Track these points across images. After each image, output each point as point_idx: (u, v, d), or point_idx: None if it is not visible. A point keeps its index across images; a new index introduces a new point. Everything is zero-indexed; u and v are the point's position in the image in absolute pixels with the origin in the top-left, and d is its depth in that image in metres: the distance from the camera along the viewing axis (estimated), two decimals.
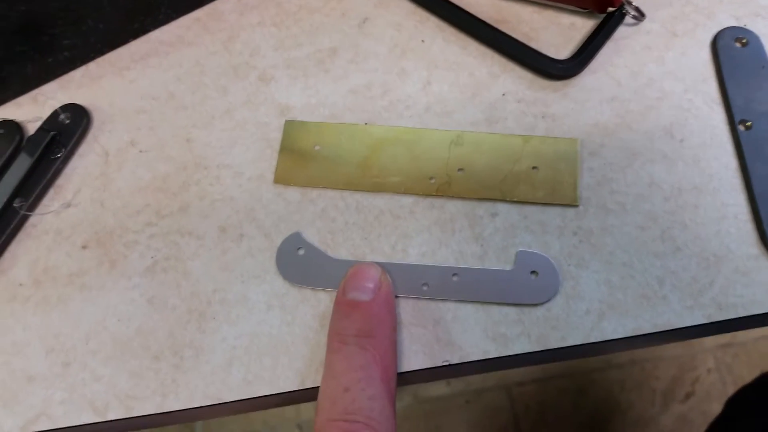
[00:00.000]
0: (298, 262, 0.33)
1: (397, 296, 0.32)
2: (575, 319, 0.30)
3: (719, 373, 1.07)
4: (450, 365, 0.31)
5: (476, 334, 0.31)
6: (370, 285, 0.30)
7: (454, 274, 0.32)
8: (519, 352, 0.30)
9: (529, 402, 1.09)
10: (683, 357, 1.08)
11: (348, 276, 0.31)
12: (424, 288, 0.32)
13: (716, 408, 1.04)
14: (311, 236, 0.33)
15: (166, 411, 0.31)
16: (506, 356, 0.30)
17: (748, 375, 1.06)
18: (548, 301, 0.31)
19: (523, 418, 1.08)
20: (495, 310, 0.31)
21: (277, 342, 0.32)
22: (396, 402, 0.29)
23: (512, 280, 0.31)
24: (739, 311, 0.30)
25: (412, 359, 0.31)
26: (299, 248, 0.33)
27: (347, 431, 0.25)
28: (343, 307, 0.30)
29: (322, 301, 0.32)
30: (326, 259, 0.33)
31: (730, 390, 1.05)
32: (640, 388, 1.07)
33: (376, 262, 0.32)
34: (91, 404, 0.32)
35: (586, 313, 0.30)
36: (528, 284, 0.31)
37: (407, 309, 0.31)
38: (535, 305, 0.31)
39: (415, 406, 1.04)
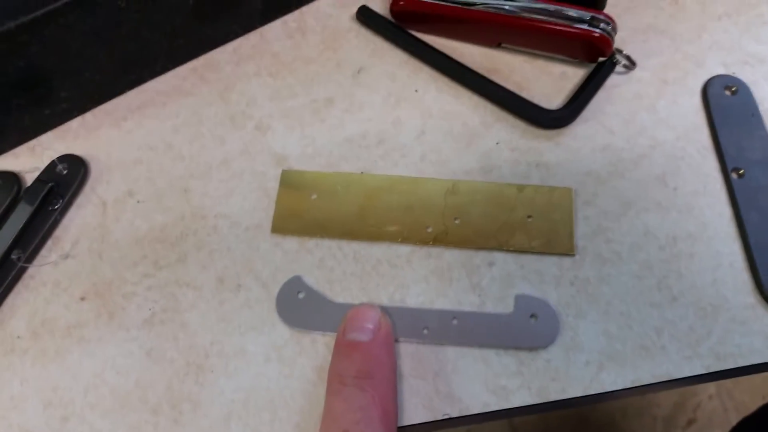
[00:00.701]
0: (299, 305, 0.33)
1: (397, 341, 0.32)
2: (575, 370, 0.30)
3: (720, 399, 1.06)
4: (450, 418, 0.30)
5: (476, 386, 0.31)
6: (370, 326, 0.30)
7: (454, 318, 0.32)
8: (519, 404, 0.30)
9: (531, 430, 1.08)
10: None
11: (348, 317, 0.31)
12: (425, 332, 0.32)
13: None
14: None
15: None
16: (506, 409, 0.30)
17: (749, 401, 1.05)
18: (548, 345, 0.31)
19: None
20: (495, 361, 0.31)
21: (275, 396, 0.31)
22: None
23: (512, 324, 0.31)
24: (737, 361, 0.30)
25: (413, 412, 0.31)
26: (299, 292, 0.33)
27: None
28: (343, 348, 0.30)
29: (320, 353, 0.32)
30: (326, 303, 0.33)
31: (732, 416, 1.05)
32: (641, 415, 1.06)
33: (377, 305, 0.32)
34: None
35: (585, 364, 0.31)
36: (528, 328, 0.31)
37: (407, 360, 0.31)
38: (536, 350, 0.31)
39: None
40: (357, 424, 0.27)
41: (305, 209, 0.35)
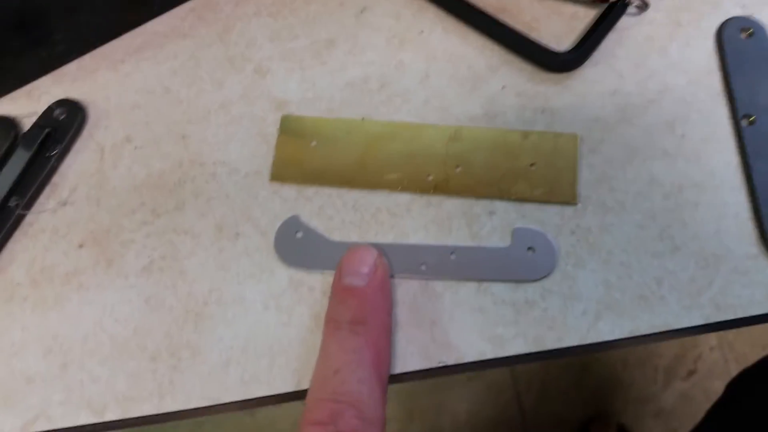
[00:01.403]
0: (297, 245, 0.33)
1: (393, 276, 0.32)
2: (572, 319, 0.30)
3: (721, 351, 1.07)
4: (446, 366, 0.31)
5: (472, 335, 0.31)
6: (365, 270, 0.30)
7: (452, 253, 0.32)
8: (515, 353, 0.30)
9: (532, 379, 1.10)
10: None
11: (344, 260, 0.31)
12: (422, 267, 0.32)
13: (718, 385, 1.04)
14: None
15: (163, 412, 0.31)
16: (502, 357, 0.30)
17: (750, 352, 1.06)
18: (546, 276, 0.31)
19: (525, 395, 1.09)
20: (492, 310, 0.31)
21: (273, 342, 0.32)
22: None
23: (509, 256, 0.31)
24: (737, 312, 0.30)
25: (408, 360, 0.31)
26: (297, 231, 0.33)
27: (333, 411, 0.26)
28: (339, 293, 0.30)
29: (318, 300, 0.32)
30: (324, 242, 0.33)
31: (732, 367, 1.06)
32: (642, 365, 1.07)
33: (375, 243, 0.32)
34: (89, 405, 0.32)
35: (582, 313, 0.30)
36: (525, 260, 0.31)
37: (404, 309, 0.31)
38: (534, 281, 0.31)
39: (418, 383, 1.05)
40: (348, 364, 0.27)
41: (305, 156, 0.34)
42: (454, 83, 0.35)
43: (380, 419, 0.27)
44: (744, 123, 0.32)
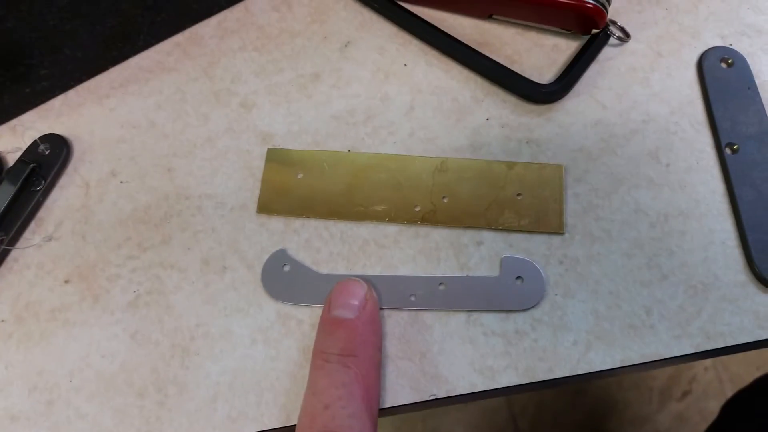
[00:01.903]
0: (284, 278, 0.33)
1: (383, 309, 0.32)
2: (562, 350, 0.30)
3: (716, 371, 1.07)
4: (437, 399, 0.30)
5: (463, 367, 0.30)
6: (355, 302, 0.30)
7: (441, 284, 0.32)
8: (506, 384, 0.30)
9: (527, 402, 1.09)
10: None
11: (333, 292, 0.30)
12: (412, 299, 0.32)
13: (713, 406, 1.04)
14: None
15: None
16: (493, 389, 0.30)
17: (744, 372, 1.06)
18: (534, 306, 0.31)
19: (520, 418, 1.08)
20: (482, 341, 0.31)
21: (261, 378, 0.31)
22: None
23: (498, 286, 0.31)
24: (727, 340, 0.30)
25: (399, 393, 0.30)
26: (284, 265, 0.33)
27: None
28: (328, 325, 0.30)
29: (306, 334, 0.32)
30: (312, 275, 0.33)
31: (727, 388, 1.06)
32: (637, 386, 1.07)
33: (363, 275, 0.32)
34: None
35: (573, 344, 0.30)
36: (514, 290, 0.31)
37: (394, 342, 0.31)
38: (524, 311, 0.31)
39: None
40: (339, 399, 0.27)
41: (291, 188, 0.34)
42: (439, 115, 0.35)
43: None
44: (728, 151, 0.32)
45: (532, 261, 0.31)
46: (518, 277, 0.31)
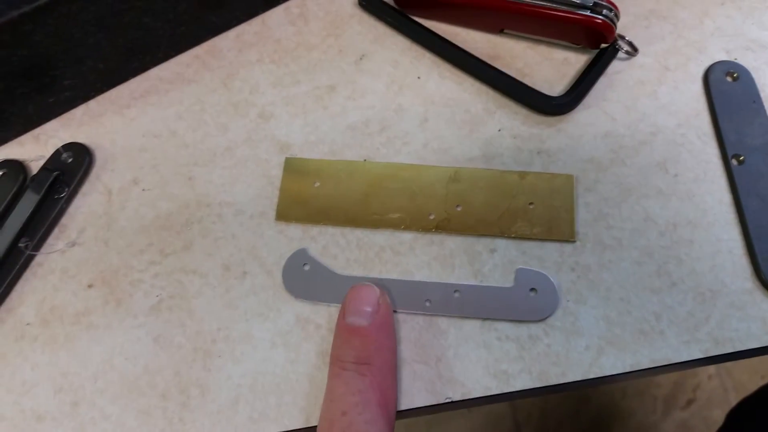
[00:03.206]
0: (304, 277, 0.34)
1: (396, 311, 0.33)
2: (575, 355, 0.31)
3: (720, 379, 1.07)
4: (452, 402, 0.31)
5: (478, 370, 0.31)
6: (368, 309, 0.30)
7: (456, 291, 0.33)
8: (520, 388, 0.31)
9: (531, 409, 1.09)
10: None
11: (347, 299, 0.31)
12: (427, 304, 0.32)
13: (717, 414, 1.04)
14: None
15: None
16: (508, 392, 0.31)
17: (748, 381, 1.06)
18: (547, 318, 0.32)
19: (524, 426, 1.08)
20: (496, 346, 0.32)
21: (281, 380, 0.32)
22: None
23: (512, 297, 0.32)
24: (735, 345, 0.30)
25: (415, 396, 0.31)
26: (305, 264, 0.34)
27: None
28: (343, 333, 0.30)
29: (325, 338, 0.33)
30: (331, 275, 0.34)
31: (732, 396, 1.06)
32: (641, 395, 1.07)
33: (379, 278, 0.33)
34: None
35: (585, 349, 0.31)
36: (528, 301, 0.32)
37: (409, 346, 0.32)
38: (537, 336, 0.32)
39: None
40: (356, 406, 0.28)
41: (309, 197, 0.35)
42: (452, 126, 0.36)
43: None
44: (734, 162, 0.33)
45: (546, 274, 0.32)
46: (532, 289, 0.32)
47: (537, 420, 1.08)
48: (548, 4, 0.35)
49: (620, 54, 0.36)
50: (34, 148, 0.38)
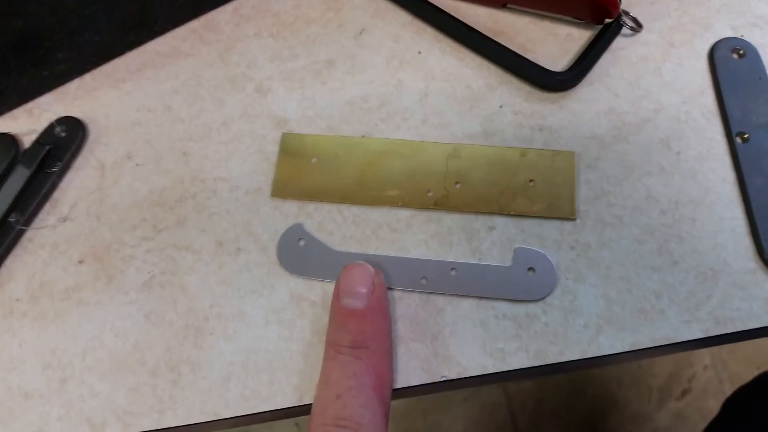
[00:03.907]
0: (299, 252, 0.33)
1: (393, 288, 0.32)
2: (573, 333, 0.30)
3: (715, 370, 1.07)
4: (448, 380, 0.31)
5: (474, 349, 0.31)
6: (363, 290, 0.30)
7: (453, 269, 0.32)
8: (517, 367, 0.30)
9: (526, 399, 1.09)
10: (680, 354, 1.08)
11: (340, 279, 0.30)
12: (423, 281, 0.32)
13: (713, 405, 1.04)
14: None
15: (163, 427, 0.31)
16: (504, 371, 0.30)
17: (744, 371, 1.06)
18: (545, 297, 0.31)
19: (520, 415, 1.08)
20: (493, 324, 0.31)
21: (274, 358, 0.32)
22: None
23: (510, 276, 0.32)
24: (736, 325, 0.30)
25: (411, 375, 0.31)
26: (300, 239, 0.33)
27: None
28: (339, 317, 0.30)
29: (319, 316, 0.32)
30: (326, 251, 0.33)
31: (727, 386, 1.06)
32: (637, 384, 1.07)
33: (375, 255, 0.33)
34: (89, 421, 0.32)
35: (584, 327, 0.31)
36: (525, 281, 0.31)
37: (406, 323, 0.32)
38: (535, 315, 0.31)
39: (413, 403, 1.04)
40: (350, 390, 0.28)
41: (305, 173, 0.35)
42: (452, 102, 0.36)
43: None
44: (738, 140, 0.33)
45: (545, 254, 0.32)
46: (530, 268, 0.32)
47: (532, 409, 1.08)
48: None
49: (624, 30, 0.36)
50: (27, 122, 0.38)
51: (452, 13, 0.37)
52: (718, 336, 0.30)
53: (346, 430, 0.26)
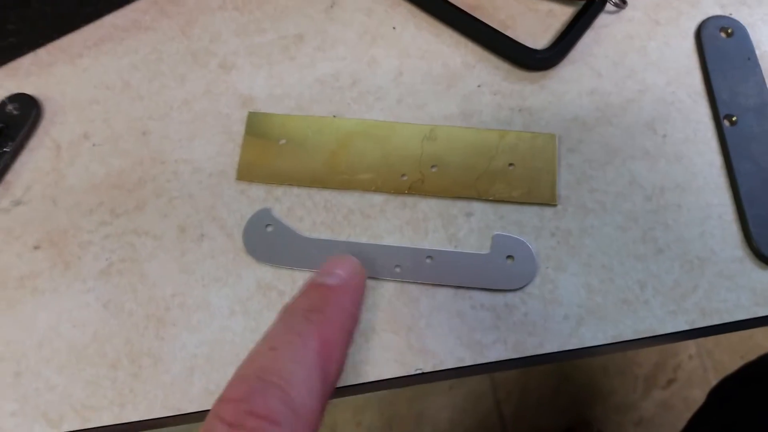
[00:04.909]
0: (267, 239, 0.31)
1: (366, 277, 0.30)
2: (553, 324, 0.29)
3: (701, 359, 1.07)
4: (423, 373, 0.29)
5: (450, 340, 0.29)
6: (342, 273, 0.27)
7: (428, 257, 0.30)
8: (495, 359, 0.29)
9: (512, 387, 1.08)
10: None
11: (324, 264, 0.28)
12: (397, 270, 0.30)
13: (698, 394, 1.04)
14: None
15: (123, 422, 0.30)
16: (481, 363, 0.29)
17: (729, 361, 1.06)
18: (524, 287, 0.30)
19: (505, 403, 1.08)
20: (470, 315, 0.30)
21: (240, 350, 0.30)
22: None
23: (488, 264, 0.30)
24: (723, 317, 0.29)
25: (384, 367, 0.29)
26: (268, 225, 0.32)
27: (252, 388, 0.21)
28: (305, 287, 0.27)
29: None
30: (296, 237, 0.31)
31: (712, 376, 1.06)
32: (622, 373, 1.07)
33: (347, 242, 0.31)
34: (45, 416, 0.30)
35: (564, 318, 0.29)
36: (504, 269, 0.30)
37: (379, 314, 0.30)
38: (514, 305, 0.30)
39: (398, 392, 1.03)
40: (289, 344, 0.23)
41: (273, 155, 0.33)
42: (428, 81, 0.34)
43: (311, 413, 0.22)
44: (726, 123, 0.31)
45: (524, 241, 0.30)
46: (509, 256, 0.30)
47: (517, 398, 1.08)
48: None
49: (608, 6, 0.34)
50: None
51: None
52: (704, 328, 0.29)
53: (267, 384, 0.21)
